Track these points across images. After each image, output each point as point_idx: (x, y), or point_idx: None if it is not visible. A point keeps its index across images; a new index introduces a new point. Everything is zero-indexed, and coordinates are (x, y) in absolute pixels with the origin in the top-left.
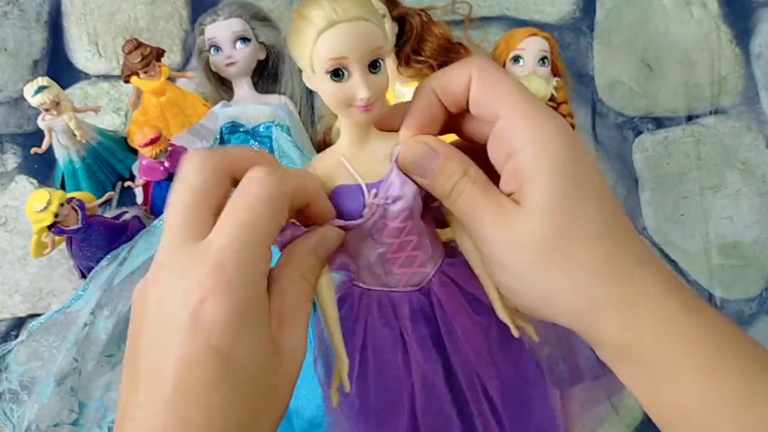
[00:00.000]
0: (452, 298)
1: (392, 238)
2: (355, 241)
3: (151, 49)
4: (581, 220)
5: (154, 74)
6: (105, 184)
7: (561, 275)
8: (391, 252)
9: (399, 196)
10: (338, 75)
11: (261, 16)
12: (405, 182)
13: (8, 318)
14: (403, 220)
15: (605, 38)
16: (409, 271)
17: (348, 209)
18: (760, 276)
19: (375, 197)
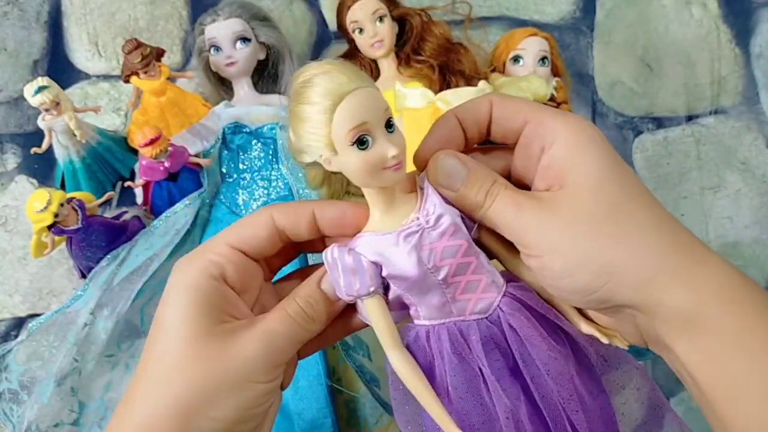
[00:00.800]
0: (525, 323)
1: (449, 258)
2: (415, 280)
3: (151, 49)
4: (630, 193)
5: (154, 74)
6: (105, 184)
7: (621, 245)
8: (451, 276)
9: (441, 213)
10: (364, 143)
11: (261, 16)
12: (441, 203)
13: (8, 318)
14: (453, 236)
15: (605, 38)
16: (474, 297)
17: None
18: (760, 276)
19: (417, 218)
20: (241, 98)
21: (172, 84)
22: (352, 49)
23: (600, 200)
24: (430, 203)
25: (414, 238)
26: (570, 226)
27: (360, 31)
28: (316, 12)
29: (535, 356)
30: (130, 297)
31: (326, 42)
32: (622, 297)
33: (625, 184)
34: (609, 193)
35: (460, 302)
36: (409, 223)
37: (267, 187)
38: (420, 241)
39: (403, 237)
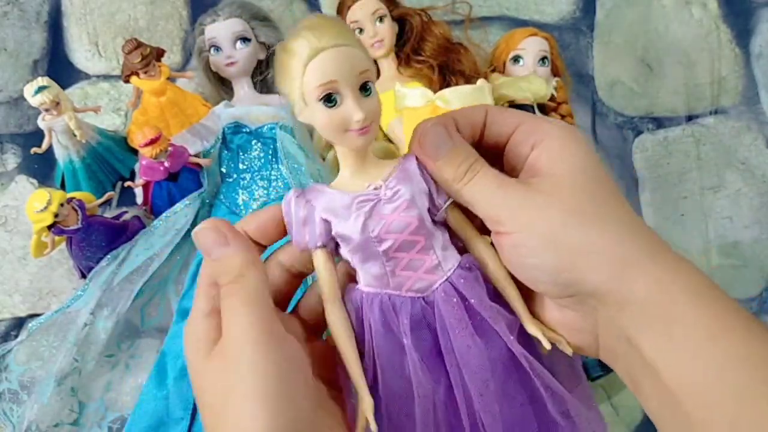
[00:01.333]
0: (455, 313)
1: (395, 233)
2: (358, 245)
3: (151, 49)
4: (609, 191)
5: (154, 74)
6: (105, 184)
7: (596, 230)
8: (393, 250)
9: (401, 188)
10: (331, 100)
11: (261, 16)
12: (409, 178)
13: (8, 318)
14: (406, 212)
15: (605, 38)
16: (414, 276)
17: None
18: (760, 276)
19: (378, 187)
20: (241, 98)
21: (172, 84)
22: None
23: (580, 189)
24: (398, 177)
25: (367, 206)
26: (548, 206)
27: (360, 31)
28: (316, 12)
29: (456, 348)
30: (130, 297)
31: None
32: (591, 281)
33: (604, 183)
34: (589, 185)
35: (398, 277)
36: (369, 191)
37: (267, 187)
38: (372, 210)
39: (357, 202)
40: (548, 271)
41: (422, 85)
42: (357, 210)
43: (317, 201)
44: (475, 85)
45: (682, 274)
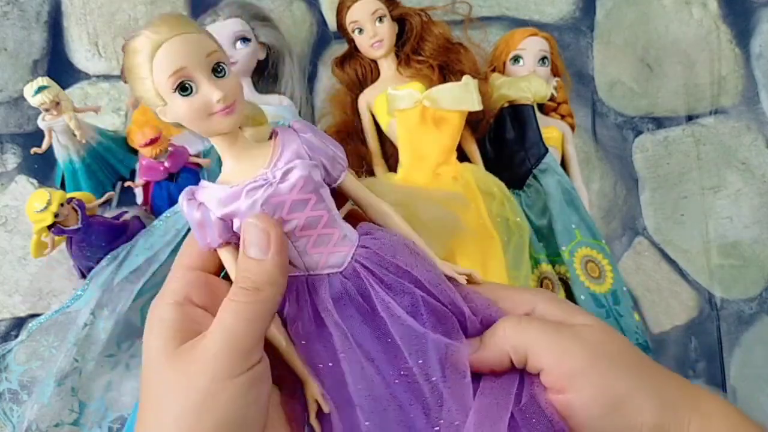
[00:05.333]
0: (374, 279)
1: (297, 212)
2: None
3: None
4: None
5: None
6: (105, 184)
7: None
8: (300, 229)
9: (292, 167)
10: (185, 88)
11: (261, 16)
12: (298, 154)
13: (8, 318)
14: (302, 190)
15: (605, 38)
16: (326, 251)
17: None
18: (760, 276)
19: (266, 173)
20: None
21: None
22: (351, 49)
23: (619, 342)
24: (284, 156)
25: (258, 193)
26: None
27: (360, 31)
28: (316, 12)
29: (379, 306)
30: (130, 297)
31: (326, 42)
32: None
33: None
34: (621, 338)
35: (312, 256)
36: (255, 178)
37: None
38: (265, 195)
39: (247, 191)
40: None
41: (413, 86)
42: (247, 199)
43: (209, 200)
44: (461, 83)
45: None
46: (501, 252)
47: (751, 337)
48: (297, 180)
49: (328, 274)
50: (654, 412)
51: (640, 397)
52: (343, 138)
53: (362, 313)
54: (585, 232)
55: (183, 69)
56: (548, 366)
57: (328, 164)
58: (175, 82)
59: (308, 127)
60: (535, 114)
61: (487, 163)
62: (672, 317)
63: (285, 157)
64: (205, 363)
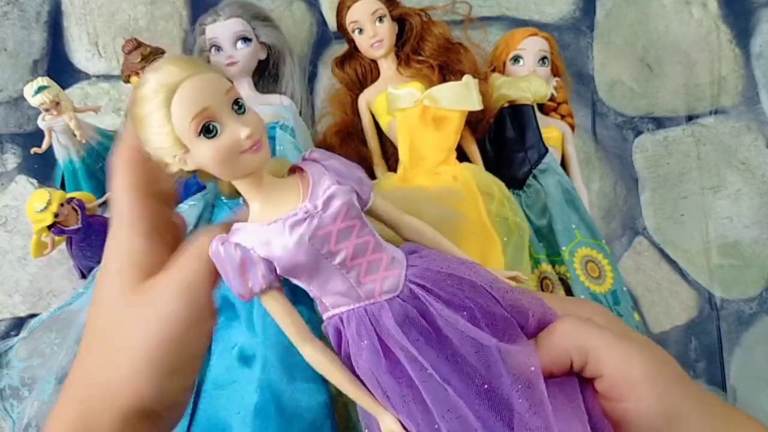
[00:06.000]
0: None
1: (344, 242)
2: (311, 270)
3: (151, 49)
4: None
5: None
6: (105, 184)
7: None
8: (350, 259)
9: (332, 195)
10: (210, 130)
11: (262, 16)
12: (333, 181)
13: (8, 318)
14: (346, 217)
15: (605, 38)
16: (379, 277)
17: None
18: (760, 276)
19: (306, 205)
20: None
21: None
22: (351, 49)
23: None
24: (321, 186)
25: (302, 227)
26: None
27: (360, 31)
28: (316, 12)
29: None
30: None
31: (326, 42)
32: None
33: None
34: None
35: (366, 285)
36: (295, 212)
37: None
38: (311, 228)
39: (289, 226)
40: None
41: (413, 85)
42: (293, 234)
43: (247, 240)
44: (461, 82)
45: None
46: (500, 252)
47: (751, 337)
48: (340, 207)
49: (387, 300)
50: (701, 428)
51: (693, 417)
52: (343, 138)
53: (426, 335)
54: (585, 232)
55: (206, 110)
56: (610, 372)
57: (357, 187)
58: (198, 124)
59: (327, 154)
60: (535, 114)
61: (487, 163)
62: (672, 317)
63: (322, 186)
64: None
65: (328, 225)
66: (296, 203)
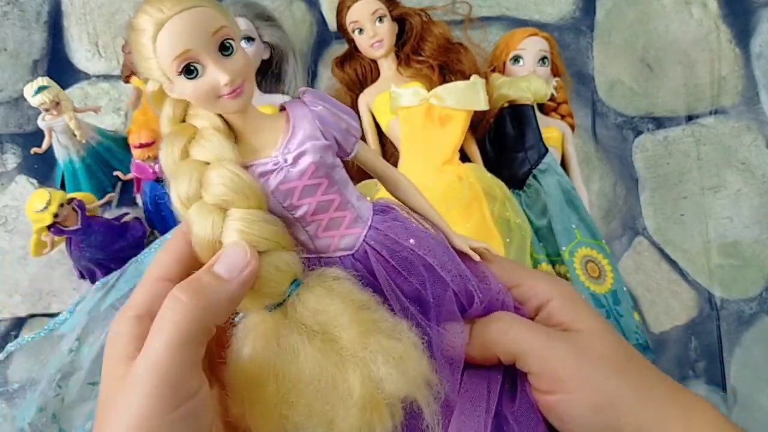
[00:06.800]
0: (386, 260)
1: (308, 198)
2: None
3: None
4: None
5: None
6: (105, 184)
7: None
8: (311, 214)
9: (303, 152)
10: (191, 71)
11: (265, 15)
12: (310, 136)
13: (8, 318)
14: (313, 177)
15: (605, 38)
16: (337, 234)
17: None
18: (760, 276)
19: (277, 156)
20: None
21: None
22: (351, 49)
23: (611, 345)
24: (297, 137)
25: (268, 178)
26: (597, 364)
27: (360, 31)
28: (316, 12)
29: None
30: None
31: (326, 42)
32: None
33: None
34: (615, 341)
35: (322, 239)
36: (266, 160)
37: None
38: (275, 182)
39: (258, 174)
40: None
41: (419, 86)
42: (257, 180)
43: None
44: (469, 81)
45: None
46: (503, 254)
47: (751, 337)
48: (308, 166)
49: (340, 257)
50: (638, 414)
51: (624, 399)
52: None
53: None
54: (585, 232)
55: (188, 52)
56: (536, 372)
57: (340, 137)
58: (179, 65)
59: (319, 97)
60: (535, 114)
61: (487, 163)
62: (672, 317)
63: (297, 138)
64: (132, 395)
65: (293, 180)
66: (272, 149)
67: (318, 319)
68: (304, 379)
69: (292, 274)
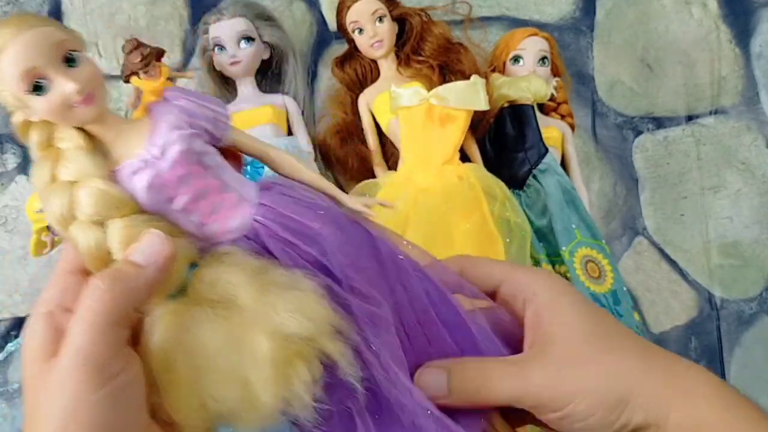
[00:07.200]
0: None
1: (184, 187)
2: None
3: (151, 49)
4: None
5: (154, 74)
6: None
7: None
8: (190, 203)
9: (168, 142)
10: (39, 88)
11: (265, 15)
12: (172, 125)
13: (8, 318)
14: (184, 165)
15: (605, 38)
16: (222, 217)
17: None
18: (760, 276)
19: (143, 152)
20: (245, 97)
21: (172, 84)
22: (351, 49)
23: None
24: (161, 131)
25: (139, 175)
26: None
27: (360, 31)
28: (316, 12)
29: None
30: None
31: (326, 42)
32: (637, 419)
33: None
34: (598, 333)
35: (210, 226)
36: (134, 160)
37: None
38: (147, 178)
39: (129, 174)
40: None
41: (420, 85)
42: (136, 181)
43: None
44: (469, 81)
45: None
46: (503, 254)
47: (751, 337)
48: (176, 155)
49: (232, 239)
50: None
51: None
52: (343, 138)
53: None
54: (585, 232)
55: (32, 69)
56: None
57: (209, 126)
58: (28, 84)
59: (181, 92)
60: (535, 114)
61: (487, 163)
62: (672, 317)
63: (161, 132)
64: (61, 383)
65: (165, 172)
66: (140, 148)
67: (217, 290)
68: (213, 350)
69: (188, 259)
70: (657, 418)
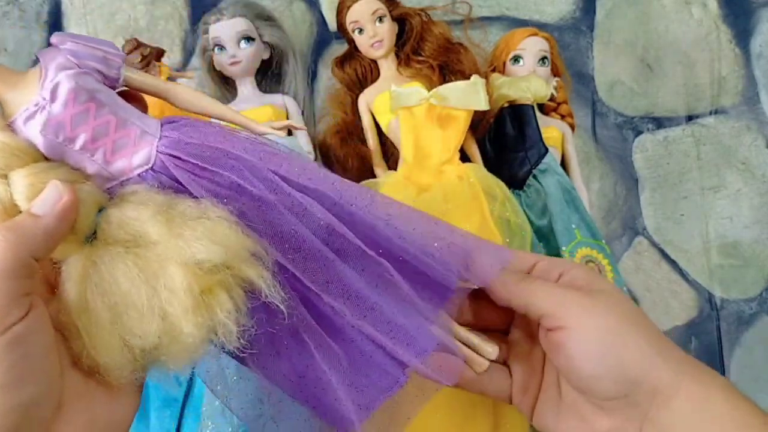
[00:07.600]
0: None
1: (81, 126)
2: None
3: (151, 49)
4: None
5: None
6: None
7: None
8: (90, 142)
9: (58, 83)
10: None
11: (265, 15)
12: (60, 67)
13: None
14: (77, 104)
15: (605, 38)
16: (127, 153)
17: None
18: (760, 276)
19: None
20: (245, 97)
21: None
22: (351, 49)
23: (627, 304)
24: (49, 76)
25: (35, 120)
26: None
27: (360, 31)
28: (316, 12)
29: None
30: None
31: (326, 42)
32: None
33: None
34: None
35: (115, 163)
36: (27, 107)
37: None
38: (41, 119)
39: (23, 121)
40: (615, 368)
41: (420, 85)
42: (29, 128)
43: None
44: (469, 81)
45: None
46: None
47: (751, 337)
48: (67, 94)
49: (139, 174)
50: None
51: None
52: (343, 138)
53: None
54: (585, 232)
55: None
56: (545, 312)
57: (101, 66)
58: None
59: (67, 36)
60: (535, 114)
61: (487, 163)
62: (672, 317)
63: (50, 75)
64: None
65: (59, 113)
66: (33, 95)
67: (126, 229)
68: (128, 287)
69: (96, 204)
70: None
